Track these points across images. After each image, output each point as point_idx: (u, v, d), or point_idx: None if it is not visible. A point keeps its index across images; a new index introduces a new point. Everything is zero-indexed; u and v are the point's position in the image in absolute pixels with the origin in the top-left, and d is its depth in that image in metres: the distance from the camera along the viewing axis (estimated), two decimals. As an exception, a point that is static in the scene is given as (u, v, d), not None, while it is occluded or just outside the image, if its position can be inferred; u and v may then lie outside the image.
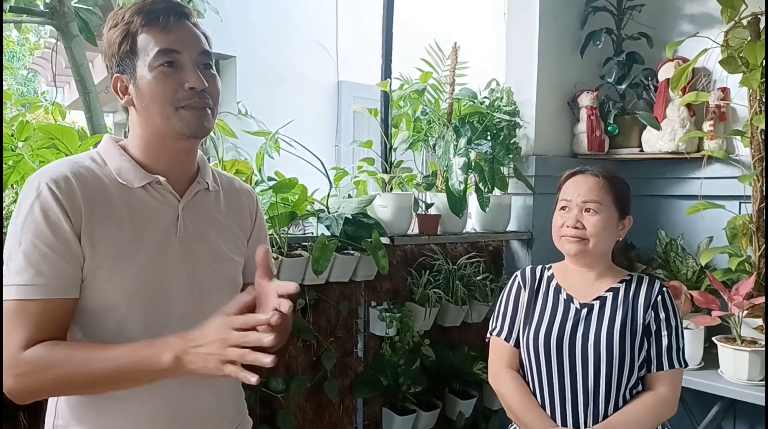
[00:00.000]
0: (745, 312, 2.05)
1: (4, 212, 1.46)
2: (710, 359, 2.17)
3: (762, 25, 2.15)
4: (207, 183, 1.10)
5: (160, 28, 0.98)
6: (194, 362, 0.87)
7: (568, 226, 1.48)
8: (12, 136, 1.71)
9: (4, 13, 3.00)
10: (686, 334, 2.12)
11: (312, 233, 2.08)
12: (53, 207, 0.92)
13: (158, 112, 0.98)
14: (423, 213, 2.32)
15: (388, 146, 2.28)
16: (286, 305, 0.85)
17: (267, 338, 0.83)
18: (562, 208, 1.52)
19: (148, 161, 1.03)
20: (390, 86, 2.27)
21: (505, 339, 1.57)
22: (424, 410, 2.25)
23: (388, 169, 2.28)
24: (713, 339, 2.13)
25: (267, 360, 0.83)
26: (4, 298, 0.91)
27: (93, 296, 0.96)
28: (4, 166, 1.60)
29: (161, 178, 1.02)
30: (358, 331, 2.20)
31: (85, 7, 3.47)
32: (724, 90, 2.43)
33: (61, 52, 3.91)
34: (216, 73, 1.06)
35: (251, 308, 0.92)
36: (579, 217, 1.47)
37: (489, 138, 2.41)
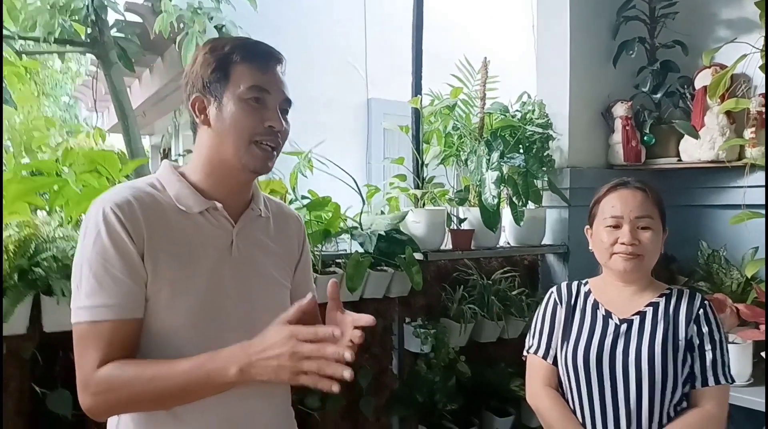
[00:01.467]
0: (795, 325, 1.97)
1: (51, 235, 1.51)
2: (760, 375, 2.09)
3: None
4: (260, 209, 1.14)
5: (257, 67, 1.04)
6: (262, 373, 0.91)
7: (623, 244, 1.43)
8: (57, 161, 1.77)
9: (49, 45, 3.13)
10: (733, 349, 2.05)
11: (345, 250, 2.09)
12: (118, 230, 0.96)
13: (233, 141, 1.03)
14: (456, 228, 2.31)
15: (420, 162, 2.28)
16: (358, 337, 0.91)
17: (348, 354, 0.87)
18: (613, 225, 1.46)
19: (206, 187, 1.07)
20: (420, 102, 2.28)
21: (543, 357, 1.54)
22: (461, 428, 2.22)
23: (420, 184, 2.28)
24: (762, 354, 2.05)
25: (347, 374, 0.86)
26: (76, 321, 0.96)
27: (154, 319, 1.00)
28: (49, 191, 1.66)
29: (218, 205, 1.06)
30: (392, 348, 2.19)
31: (123, 36, 3.61)
32: (765, 96, 2.36)
33: (100, 79, 4.05)
34: (289, 121, 1.11)
35: (310, 315, 0.96)
36: (635, 234, 1.43)
37: (522, 151, 2.39)
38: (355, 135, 4.05)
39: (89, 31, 3.48)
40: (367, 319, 0.92)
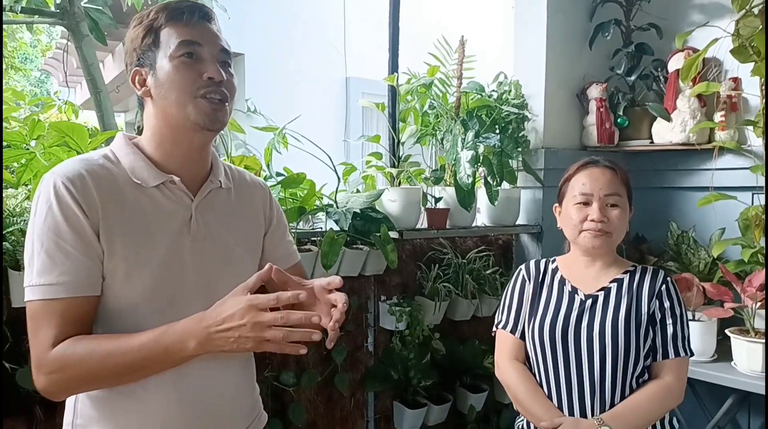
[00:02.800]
0: (759, 303, 2.03)
1: (18, 209, 1.48)
2: (723, 352, 2.16)
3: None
4: (220, 181, 1.11)
5: (184, 23, 1.01)
6: (222, 345, 0.90)
7: (592, 220, 1.46)
8: (25, 134, 1.73)
9: (15, 15, 3.03)
10: (699, 327, 2.12)
11: (321, 228, 2.09)
12: (70, 204, 0.93)
13: (175, 100, 0.99)
14: (432, 207, 2.32)
15: (396, 141, 2.28)
16: (341, 300, 0.94)
17: (316, 318, 0.88)
18: (582, 202, 1.48)
19: (161, 159, 1.04)
20: (397, 80, 2.27)
21: (511, 331, 1.57)
22: (435, 404, 2.25)
23: (396, 163, 2.28)
24: (726, 331, 2.11)
25: (315, 336, 0.88)
26: (29, 299, 0.93)
27: (111, 296, 0.97)
28: (17, 164, 1.63)
29: (175, 178, 1.03)
30: (368, 326, 2.21)
31: (94, 7, 3.50)
32: (736, 80, 2.40)
33: (71, 53, 3.94)
34: (233, 72, 1.08)
35: (280, 283, 0.99)
36: (604, 211, 1.46)
37: (497, 131, 2.41)
38: (333, 113, 4.03)
39: (58, 0, 3.37)
40: (333, 280, 0.93)
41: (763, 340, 1.99)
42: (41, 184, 0.96)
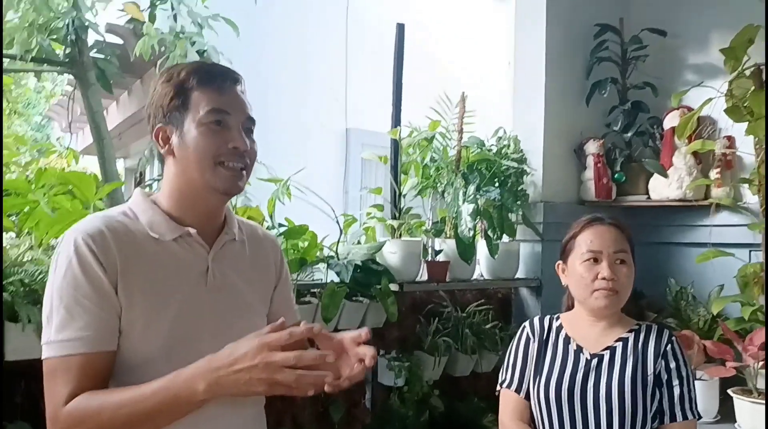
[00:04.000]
0: (761, 363, 2.01)
1: (20, 259, 1.47)
2: (726, 412, 2.12)
3: (764, 76, 2.19)
4: (234, 233, 1.13)
5: (214, 89, 1.03)
6: (232, 388, 0.88)
7: (603, 279, 1.44)
8: (29, 182, 1.74)
9: (24, 63, 3.09)
10: (700, 386, 2.08)
11: (321, 280, 2.08)
12: (90, 260, 0.94)
13: (197, 165, 1.02)
14: (432, 259, 2.32)
15: (398, 193, 2.30)
16: (370, 353, 0.96)
17: (328, 378, 0.88)
18: (592, 259, 1.47)
19: (179, 213, 1.06)
20: (399, 134, 2.31)
21: (516, 391, 1.54)
22: (433, 463, 2.19)
23: (398, 215, 2.29)
24: (728, 391, 2.08)
25: (329, 379, 0.88)
26: (47, 356, 0.93)
27: (129, 349, 0.98)
28: (20, 213, 1.63)
29: (192, 231, 1.05)
30: (366, 381, 2.17)
31: (103, 56, 3.59)
32: (730, 138, 2.46)
33: (76, 99, 4.01)
34: (254, 138, 1.11)
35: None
36: (613, 269, 1.45)
37: (497, 185, 2.43)
38: (332, 164, 4.07)
39: (68, 50, 3.45)
40: (363, 333, 0.95)
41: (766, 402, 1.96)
42: (62, 242, 0.98)
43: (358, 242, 2.22)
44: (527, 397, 1.53)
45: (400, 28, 2.37)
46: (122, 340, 0.97)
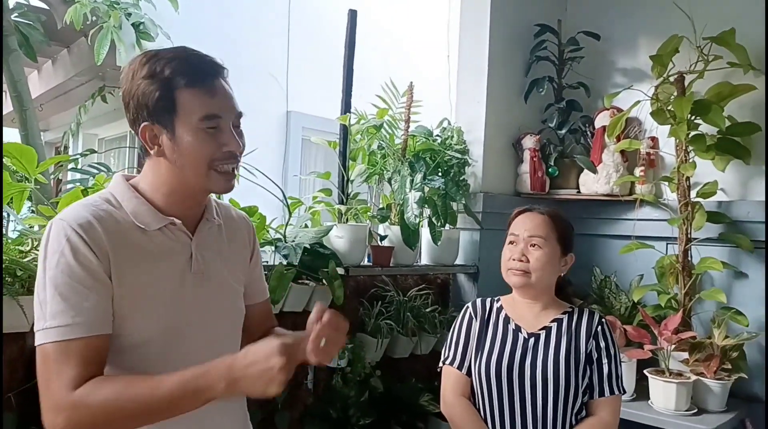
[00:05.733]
0: (673, 346, 2.20)
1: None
2: (641, 391, 2.30)
3: (686, 82, 2.37)
4: (214, 219, 1.16)
5: (205, 91, 1.02)
6: (251, 387, 0.93)
7: (514, 259, 1.58)
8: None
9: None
10: (621, 367, 2.26)
11: (267, 262, 2.08)
12: (82, 250, 0.95)
13: (194, 170, 1.03)
14: (377, 245, 2.36)
15: (346, 178, 2.32)
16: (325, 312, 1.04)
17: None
18: (510, 242, 1.62)
19: (164, 204, 1.07)
20: (349, 120, 2.33)
21: (458, 368, 1.62)
22: (372, 442, 2.25)
23: (345, 200, 2.31)
24: (644, 372, 2.27)
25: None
26: (42, 342, 0.93)
27: (122, 334, 1.00)
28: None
29: (176, 220, 1.07)
30: (308, 363, 2.18)
31: (26, 21, 3.36)
32: (654, 139, 2.65)
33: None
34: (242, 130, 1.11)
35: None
36: (525, 252, 1.57)
37: (441, 174, 2.50)
38: (271, 146, 4.02)
39: (-14, 13, 3.20)
40: (318, 307, 1.06)
41: (676, 381, 2.15)
42: (49, 231, 0.98)
43: (305, 226, 2.23)
44: (468, 373, 1.61)
45: (353, 14, 2.38)
46: (117, 324, 0.99)
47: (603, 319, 1.63)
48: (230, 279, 1.16)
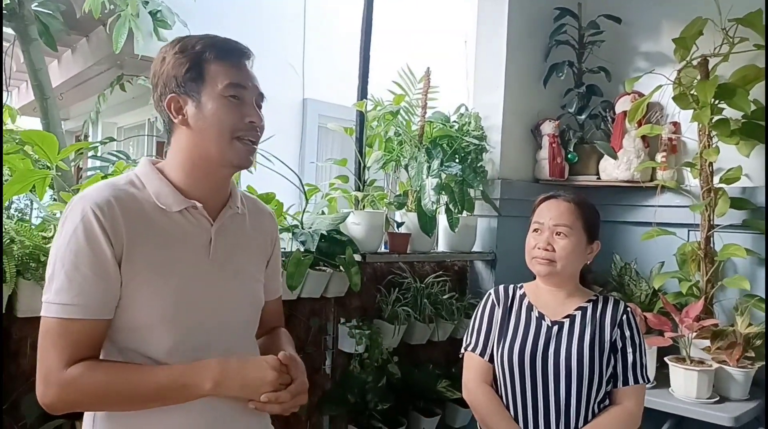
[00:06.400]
0: (694, 333, 2.17)
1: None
2: (661, 378, 2.28)
3: (710, 66, 2.32)
4: (237, 207, 1.16)
5: (232, 64, 1.06)
6: (237, 391, 1.00)
7: (539, 248, 1.55)
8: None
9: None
10: (641, 354, 2.24)
11: (285, 248, 2.09)
12: (96, 231, 0.97)
13: (216, 138, 1.04)
14: (394, 231, 2.36)
15: (362, 165, 2.32)
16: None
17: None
18: (535, 230, 1.59)
19: (186, 185, 1.08)
20: (365, 107, 2.32)
21: (480, 354, 1.62)
22: (390, 428, 2.26)
23: (362, 187, 2.31)
24: (665, 359, 2.24)
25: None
26: (45, 314, 0.96)
27: (129, 315, 1.01)
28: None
29: (198, 204, 1.07)
30: (326, 348, 2.20)
31: (46, 11, 3.39)
32: (676, 124, 2.60)
33: (12, 55, 3.76)
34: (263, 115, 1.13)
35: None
36: (550, 240, 1.55)
37: (458, 161, 2.48)
38: (288, 133, 4.03)
39: (7, 1, 3.24)
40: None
41: (698, 369, 2.13)
42: (70, 208, 1.00)
43: (322, 212, 2.23)
44: (490, 360, 1.60)
45: (369, 0, 2.36)
46: (122, 306, 1.00)
47: (628, 308, 1.61)
48: (249, 269, 1.17)
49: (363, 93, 2.36)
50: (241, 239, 1.16)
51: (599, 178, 2.78)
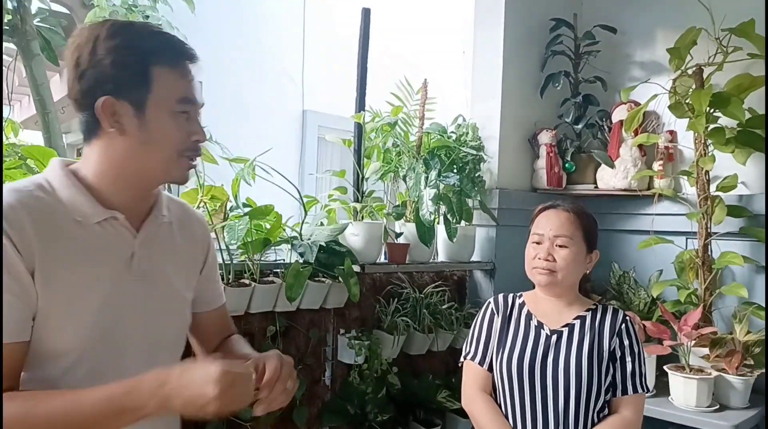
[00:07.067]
0: (693, 342, 2.18)
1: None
2: (661, 387, 2.28)
3: (705, 75, 2.34)
4: (164, 216, 1.07)
5: (182, 73, 0.96)
6: (185, 407, 0.85)
7: (539, 259, 1.56)
8: (-19, 154, 1.66)
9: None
10: (641, 363, 2.24)
11: (283, 260, 2.10)
12: (4, 243, 0.84)
13: (161, 154, 0.96)
14: (393, 242, 2.37)
15: (361, 176, 2.33)
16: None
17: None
18: (535, 241, 1.59)
19: (107, 193, 0.97)
20: (363, 118, 2.34)
21: (479, 363, 1.62)
22: (390, 439, 2.26)
23: (360, 198, 2.32)
24: (664, 367, 2.24)
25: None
26: None
27: (45, 338, 0.89)
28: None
29: (119, 215, 0.97)
30: (326, 359, 2.20)
31: (47, 26, 3.43)
32: (672, 133, 2.62)
33: (14, 69, 3.80)
34: None
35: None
36: (551, 251, 1.56)
37: (455, 171, 2.50)
38: (288, 145, 4.05)
39: (9, 17, 3.27)
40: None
41: (697, 377, 2.13)
42: None
43: (321, 224, 2.24)
44: (489, 369, 1.61)
45: (366, 12, 2.38)
46: (38, 329, 0.88)
47: (627, 317, 1.61)
48: (177, 284, 1.06)
49: (361, 105, 2.38)
50: (168, 251, 1.05)
51: (597, 187, 2.79)
